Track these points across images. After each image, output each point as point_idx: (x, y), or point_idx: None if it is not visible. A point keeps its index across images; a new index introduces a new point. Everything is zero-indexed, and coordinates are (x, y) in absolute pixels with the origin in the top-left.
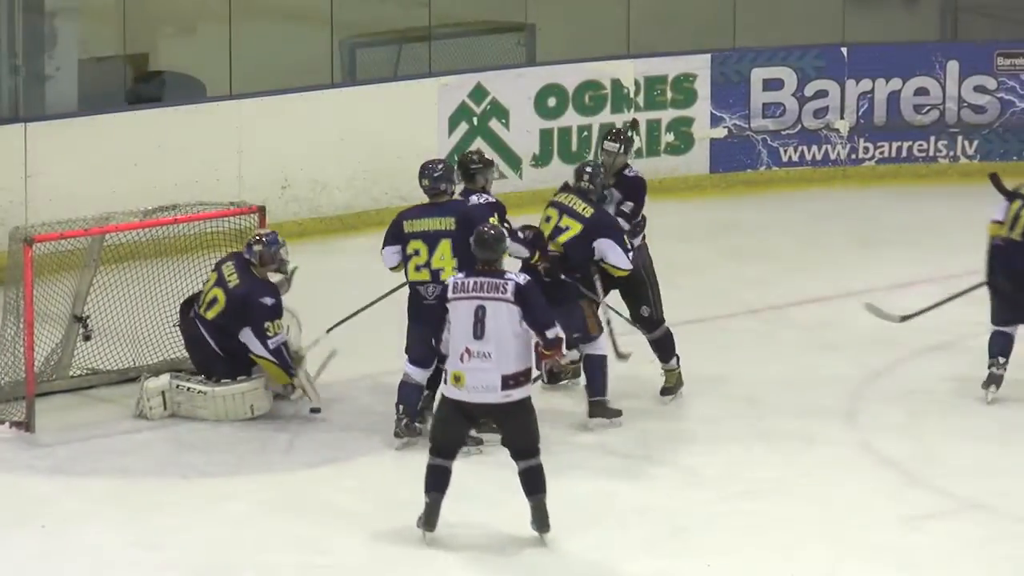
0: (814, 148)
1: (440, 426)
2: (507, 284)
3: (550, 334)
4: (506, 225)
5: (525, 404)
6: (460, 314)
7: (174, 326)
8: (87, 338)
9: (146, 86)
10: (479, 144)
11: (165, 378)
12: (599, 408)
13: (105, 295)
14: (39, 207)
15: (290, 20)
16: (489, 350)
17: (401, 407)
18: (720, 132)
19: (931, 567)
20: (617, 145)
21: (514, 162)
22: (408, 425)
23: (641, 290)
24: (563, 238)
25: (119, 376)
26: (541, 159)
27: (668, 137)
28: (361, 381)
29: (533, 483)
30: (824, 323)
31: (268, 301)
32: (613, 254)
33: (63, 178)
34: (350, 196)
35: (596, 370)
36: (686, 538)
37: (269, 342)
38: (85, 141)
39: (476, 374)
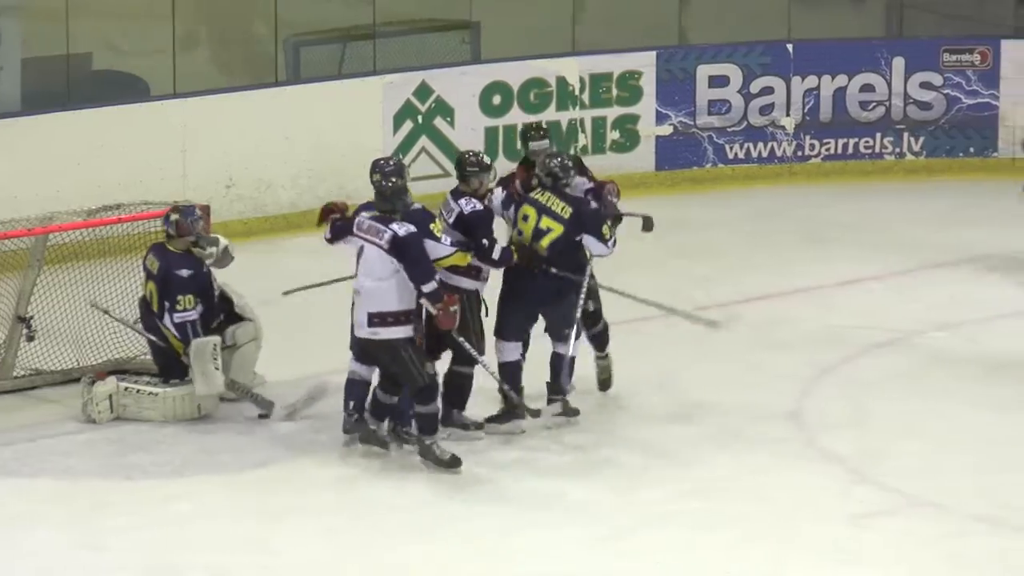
0: (760, 145)
1: None
2: (385, 233)
3: (425, 288)
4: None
5: (393, 344)
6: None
7: (135, 322)
8: (31, 339)
9: (89, 85)
10: (424, 143)
11: (112, 381)
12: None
13: (49, 295)
14: None
15: (234, 19)
16: (360, 287)
17: (351, 404)
18: (666, 129)
19: (879, 564)
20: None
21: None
22: (357, 421)
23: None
24: (546, 241)
25: (63, 377)
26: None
27: (614, 135)
28: (306, 381)
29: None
30: (771, 321)
31: (183, 273)
32: (595, 248)
33: (5, 178)
34: (295, 195)
35: (564, 368)
36: (634, 537)
37: (175, 315)
38: (28, 141)
39: (355, 310)
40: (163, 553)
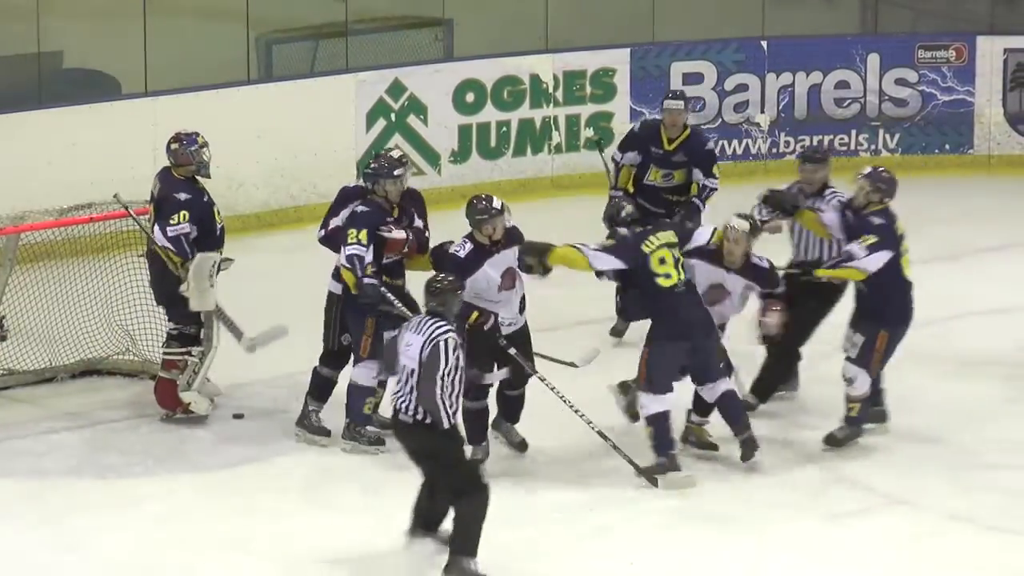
0: (735, 142)
1: None
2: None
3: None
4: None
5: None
6: None
7: (140, 256)
8: (2, 339)
9: (60, 83)
10: (396, 140)
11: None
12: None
13: (21, 295)
14: None
15: (206, 17)
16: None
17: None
18: None
19: (854, 563)
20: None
21: (433, 158)
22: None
23: None
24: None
25: (35, 377)
26: (460, 155)
27: (588, 132)
28: (279, 380)
29: None
30: (745, 320)
31: (181, 195)
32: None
33: None
34: (267, 194)
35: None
36: (611, 535)
37: (168, 229)
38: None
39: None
40: (137, 553)
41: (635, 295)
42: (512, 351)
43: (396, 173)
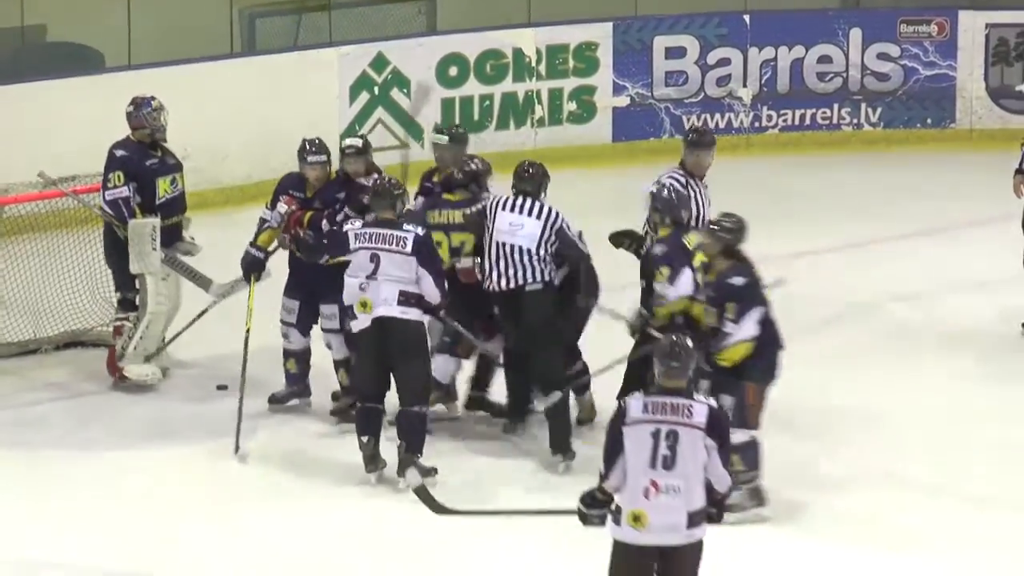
0: (717, 116)
1: None
2: None
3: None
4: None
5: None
6: None
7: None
8: None
9: (44, 57)
10: (381, 114)
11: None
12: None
13: (5, 267)
14: None
15: None
16: None
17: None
18: (623, 101)
19: (839, 537)
20: None
21: (416, 132)
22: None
23: None
24: None
25: (19, 348)
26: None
27: (571, 106)
28: (260, 354)
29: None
30: None
31: (117, 152)
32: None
33: None
34: (249, 167)
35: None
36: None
37: (106, 193)
38: None
39: None
40: (123, 526)
41: None
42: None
43: (310, 160)
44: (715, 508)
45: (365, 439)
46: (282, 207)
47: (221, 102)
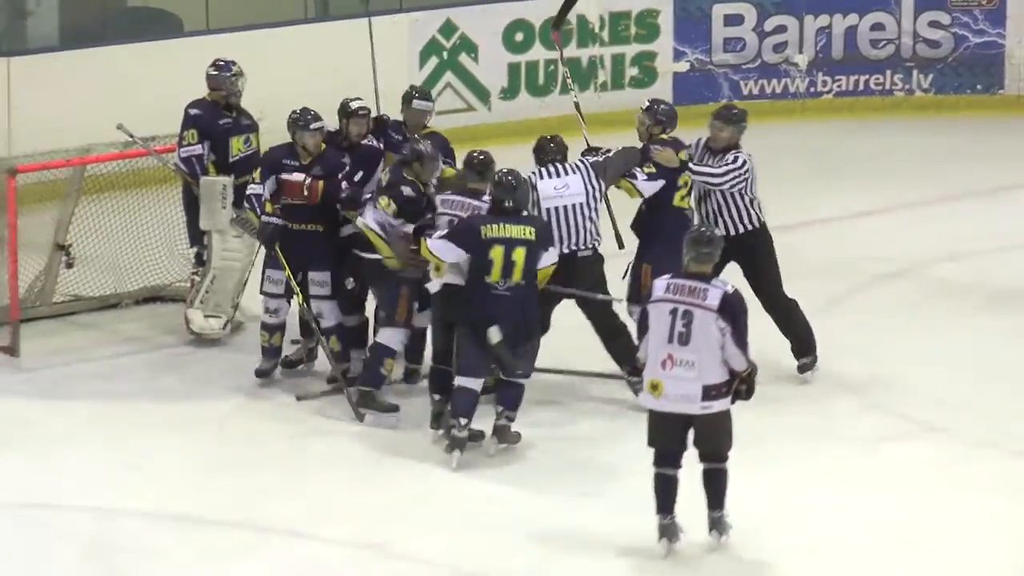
0: (774, 82)
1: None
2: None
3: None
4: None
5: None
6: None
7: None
8: (69, 266)
9: (124, 21)
10: (449, 78)
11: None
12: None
13: (87, 224)
14: (22, 139)
15: None
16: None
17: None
18: (683, 66)
19: (888, 488)
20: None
21: (483, 95)
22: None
23: None
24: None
25: (100, 303)
26: (509, 92)
27: (632, 71)
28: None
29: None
30: (783, 252)
31: (191, 111)
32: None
33: (46, 111)
34: None
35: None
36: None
37: (181, 150)
38: (66, 75)
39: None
40: (196, 473)
41: None
42: None
43: (313, 127)
44: (743, 385)
45: (437, 397)
46: (296, 176)
47: (294, 66)
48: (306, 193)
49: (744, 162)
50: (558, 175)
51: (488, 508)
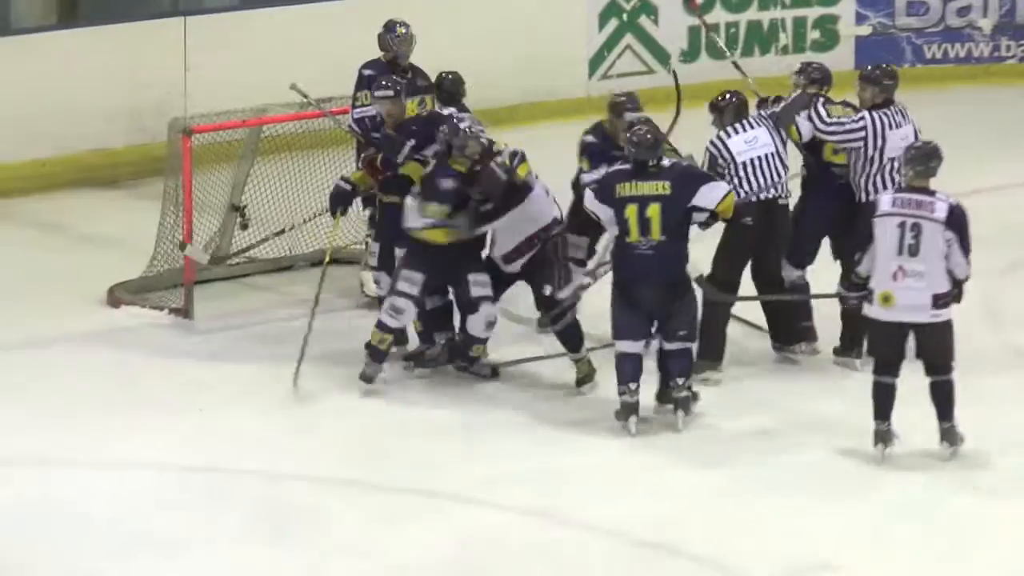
0: (957, 46)
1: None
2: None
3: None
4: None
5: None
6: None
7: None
8: (244, 227)
9: None
10: (629, 40)
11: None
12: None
13: (262, 186)
14: (197, 99)
15: None
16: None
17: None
18: (865, 30)
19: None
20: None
21: (663, 57)
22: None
23: None
24: None
25: (274, 265)
26: (689, 55)
27: (814, 34)
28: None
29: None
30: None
31: (364, 72)
32: None
33: (221, 71)
34: (502, 91)
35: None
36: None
37: (355, 111)
38: (243, 34)
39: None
40: (363, 438)
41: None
42: None
43: (379, 93)
44: (955, 289)
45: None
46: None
47: (474, 28)
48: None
49: (861, 123)
50: (745, 130)
51: (659, 477)
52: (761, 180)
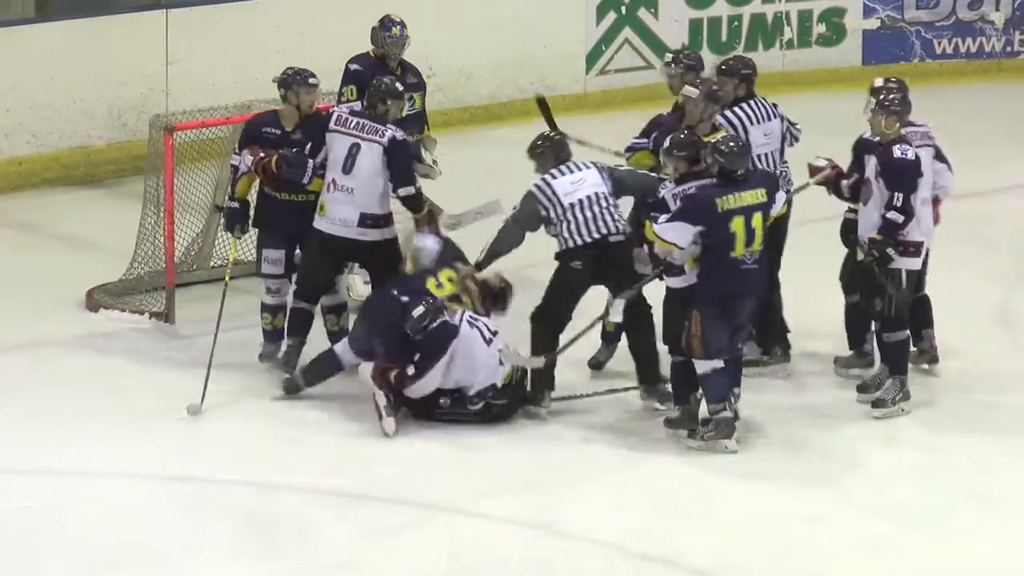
0: (968, 40)
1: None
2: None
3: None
4: None
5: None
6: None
7: None
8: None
9: None
10: (627, 34)
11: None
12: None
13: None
14: (179, 95)
15: None
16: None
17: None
18: (873, 23)
19: None
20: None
21: (662, 52)
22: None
23: None
24: None
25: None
26: (690, 49)
27: (820, 28)
28: None
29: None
30: (978, 218)
31: (352, 66)
32: None
33: (204, 66)
34: (495, 86)
35: None
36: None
37: (342, 106)
38: (225, 28)
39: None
40: (355, 447)
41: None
42: None
43: (312, 81)
44: None
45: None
46: (247, 157)
47: (467, 20)
48: (250, 170)
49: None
50: (571, 171)
51: (657, 489)
52: (590, 220)
